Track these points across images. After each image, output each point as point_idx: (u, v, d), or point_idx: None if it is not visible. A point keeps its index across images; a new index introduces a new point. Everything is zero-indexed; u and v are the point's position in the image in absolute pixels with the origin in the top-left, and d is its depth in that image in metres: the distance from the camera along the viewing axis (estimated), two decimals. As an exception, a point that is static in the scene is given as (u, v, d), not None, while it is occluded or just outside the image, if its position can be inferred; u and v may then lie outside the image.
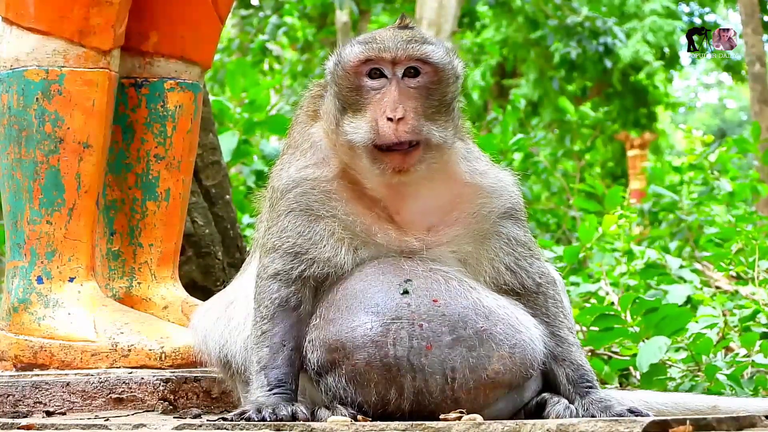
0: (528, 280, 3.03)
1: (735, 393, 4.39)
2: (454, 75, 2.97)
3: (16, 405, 3.60)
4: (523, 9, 22.42)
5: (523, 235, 3.06)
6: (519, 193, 3.09)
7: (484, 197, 3.01)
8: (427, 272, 2.91)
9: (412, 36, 2.94)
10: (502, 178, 3.06)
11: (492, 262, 3.01)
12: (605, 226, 6.81)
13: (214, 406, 3.65)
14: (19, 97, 3.83)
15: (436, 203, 2.99)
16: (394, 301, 2.85)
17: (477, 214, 3.01)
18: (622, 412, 2.84)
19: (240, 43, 22.99)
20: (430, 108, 2.90)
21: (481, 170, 3.04)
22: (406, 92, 2.89)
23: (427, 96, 2.91)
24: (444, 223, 2.99)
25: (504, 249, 3.02)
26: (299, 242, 2.95)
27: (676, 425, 2.48)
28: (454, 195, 3.00)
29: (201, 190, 5.23)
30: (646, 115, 24.82)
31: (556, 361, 3.01)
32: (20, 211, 3.85)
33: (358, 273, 2.93)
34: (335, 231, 2.96)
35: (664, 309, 4.79)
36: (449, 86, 2.95)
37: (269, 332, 2.93)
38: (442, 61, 2.94)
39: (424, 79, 2.92)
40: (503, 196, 3.04)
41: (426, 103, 2.90)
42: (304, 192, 2.98)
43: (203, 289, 4.92)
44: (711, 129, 40.69)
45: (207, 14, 4.15)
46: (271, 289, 2.95)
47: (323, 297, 2.95)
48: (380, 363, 2.82)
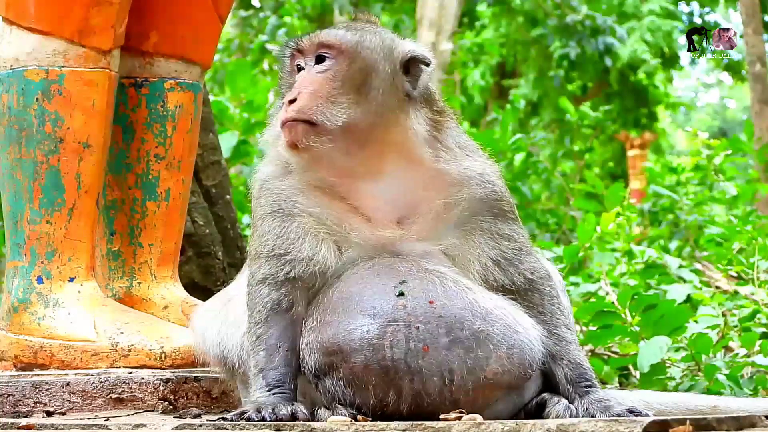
0: (518, 277, 3.01)
1: (735, 393, 4.39)
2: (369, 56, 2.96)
3: (16, 405, 3.60)
4: (522, 8, 22.42)
5: (508, 229, 3.02)
6: (499, 185, 3.03)
7: (452, 185, 2.98)
8: (422, 273, 2.90)
9: (331, 26, 3.02)
10: (475, 168, 3.02)
11: (478, 258, 2.99)
12: (603, 224, 6.81)
13: (214, 406, 3.65)
14: (19, 97, 3.83)
15: (401, 189, 2.97)
16: (390, 303, 2.84)
17: (447, 204, 2.97)
18: (622, 412, 2.84)
19: (240, 44, 23.00)
20: (334, 89, 2.93)
21: (450, 159, 3.00)
22: (310, 78, 2.96)
23: (332, 78, 2.94)
24: (416, 213, 2.97)
25: (489, 244, 3.00)
26: (278, 244, 2.97)
27: (676, 425, 2.48)
28: (420, 181, 2.97)
29: (201, 190, 5.23)
30: (647, 115, 24.81)
31: (555, 360, 2.99)
32: (20, 211, 3.85)
33: (352, 275, 2.92)
34: (309, 228, 2.97)
35: (663, 306, 4.79)
36: (355, 65, 2.94)
37: (264, 335, 2.94)
38: (343, 42, 2.96)
39: (330, 63, 2.95)
40: (473, 185, 2.99)
41: (329, 86, 2.93)
42: (271, 194, 3.02)
43: (203, 289, 4.91)
44: (711, 129, 40.69)
45: (207, 14, 4.15)
46: (261, 294, 2.96)
47: (319, 299, 2.94)
48: (378, 366, 2.81)
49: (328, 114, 2.90)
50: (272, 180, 3.04)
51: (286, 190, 3.01)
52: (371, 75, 2.94)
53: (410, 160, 2.96)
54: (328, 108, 2.91)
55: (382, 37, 3.00)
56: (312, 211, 2.97)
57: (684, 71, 35.37)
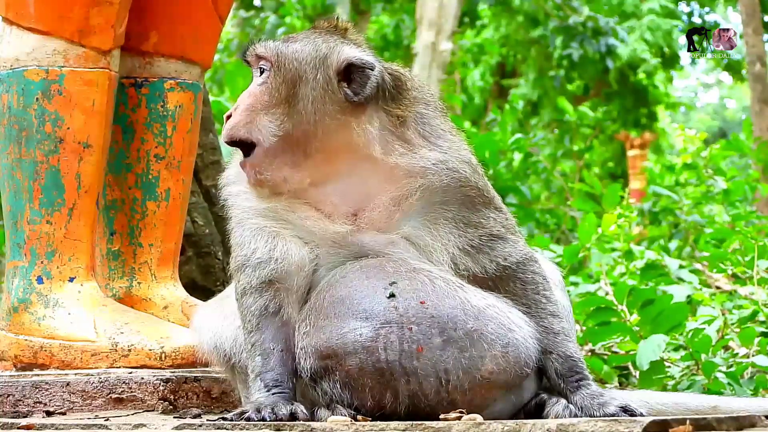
0: (490, 264, 2.97)
1: (735, 393, 4.39)
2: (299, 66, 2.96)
3: (16, 405, 3.60)
4: (522, 7, 22.41)
5: (476, 216, 2.98)
6: (463, 170, 2.99)
7: (405, 177, 2.96)
8: (411, 272, 2.89)
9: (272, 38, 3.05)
10: (433, 157, 2.98)
11: (445, 247, 2.96)
12: (604, 225, 6.81)
13: (214, 406, 3.66)
14: (19, 97, 3.83)
15: (354, 189, 2.98)
16: (382, 305, 2.84)
17: (401, 195, 2.96)
18: (616, 411, 2.83)
19: (239, 43, 22.99)
20: (267, 102, 2.95)
21: (404, 152, 2.97)
22: (251, 90, 3.01)
23: (266, 90, 2.97)
24: (371, 206, 2.97)
25: (454, 232, 2.97)
26: (243, 253, 3.01)
27: (676, 425, 2.49)
28: (372, 177, 2.97)
29: (201, 190, 5.23)
30: (647, 115, 24.80)
31: (544, 354, 2.95)
32: (20, 211, 3.85)
33: (341, 278, 2.92)
34: (265, 228, 3.00)
35: (660, 302, 4.78)
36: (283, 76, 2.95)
37: (258, 341, 2.96)
38: (273, 53, 2.98)
39: (266, 75, 2.98)
40: (428, 175, 2.96)
41: (263, 98, 2.96)
42: (233, 202, 3.08)
43: (203, 289, 4.91)
44: (711, 129, 40.69)
45: (207, 14, 4.15)
46: (248, 303, 2.99)
47: (310, 304, 2.95)
48: (373, 368, 2.81)
49: (260, 128, 2.95)
50: (228, 184, 3.10)
51: (240, 196, 3.06)
52: (298, 85, 2.96)
53: (362, 158, 2.96)
54: (261, 122, 2.95)
55: (317, 47, 2.99)
56: (267, 213, 3.01)
57: (684, 71, 35.36)
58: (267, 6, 23.63)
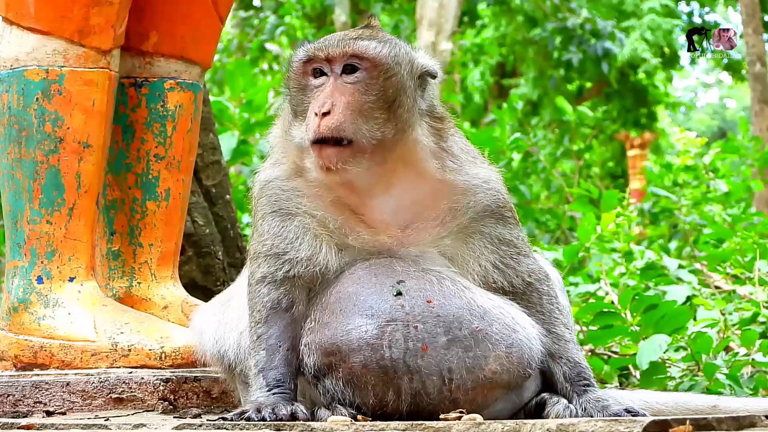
0: (516, 279, 3.03)
1: (735, 392, 4.39)
2: (399, 71, 2.92)
3: (16, 405, 3.60)
4: (522, 8, 22.41)
5: (508, 233, 3.03)
6: (502, 191, 3.05)
7: (458, 194, 2.98)
8: (420, 272, 2.90)
9: (357, 34, 2.95)
10: (480, 175, 3.02)
11: (478, 261, 3.00)
12: (603, 224, 6.81)
13: (214, 406, 3.65)
14: (19, 97, 3.83)
15: (407, 202, 2.97)
16: (388, 303, 2.85)
17: (453, 211, 2.98)
18: (620, 412, 2.85)
19: (239, 43, 23.00)
20: (367, 104, 2.88)
21: (456, 167, 2.99)
22: (341, 88, 2.89)
23: (364, 92, 2.89)
24: (420, 221, 2.97)
25: (488, 248, 3.01)
26: (276, 243, 2.97)
27: (676, 425, 2.49)
28: (426, 193, 2.98)
29: (201, 190, 5.23)
30: (646, 115, 24.80)
31: (553, 359, 3.01)
32: (20, 211, 3.85)
33: (349, 275, 2.93)
34: (309, 228, 2.97)
35: (663, 306, 4.79)
36: (389, 81, 2.90)
37: (264, 335, 2.95)
38: (379, 56, 2.90)
39: (362, 75, 2.90)
40: (479, 193, 3.00)
41: (362, 99, 2.88)
42: (273, 193, 3.02)
43: (203, 289, 4.92)
44: (711, 129, 40.70)
45: (207, 14, 4.16)
46: (261, 293, 2.97)
47: (317, 300, 2.95)
48: (377, 365, 2.82)
49: (364, 131, 2.87)
50: (277, 181, 3.02)
51: (289, 191, 3.00)
52: (401, 91, 2.91)
53: (417, 173, 2.96)
54: (363, 124, 2.87)
55: (406, 51, 2.97)
56: (315, 213, 2.97)
57: (684, 71, 35.36)
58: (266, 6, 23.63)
